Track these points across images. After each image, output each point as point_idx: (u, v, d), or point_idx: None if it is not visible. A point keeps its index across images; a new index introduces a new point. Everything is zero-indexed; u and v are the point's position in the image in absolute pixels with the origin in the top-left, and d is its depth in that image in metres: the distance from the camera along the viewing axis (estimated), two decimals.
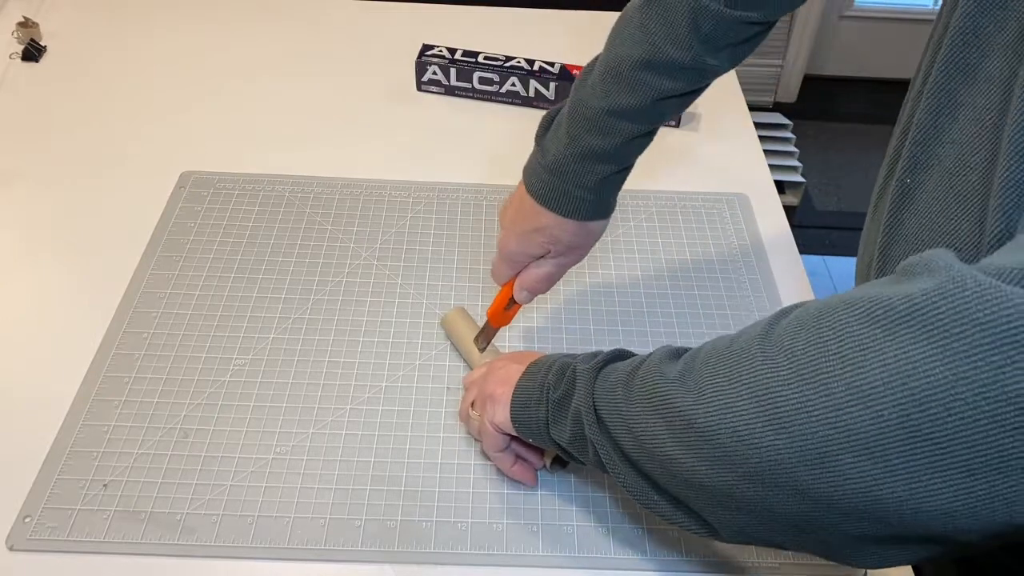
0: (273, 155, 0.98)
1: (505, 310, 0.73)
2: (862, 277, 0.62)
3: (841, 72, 2.45)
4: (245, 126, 1.02)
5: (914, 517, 0.38)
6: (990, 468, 0.36)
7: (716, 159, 1.01)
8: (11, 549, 0.62)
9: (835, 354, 0.39)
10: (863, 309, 0.39)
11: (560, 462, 0.67)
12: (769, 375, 0.42)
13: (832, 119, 2.10)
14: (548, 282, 0.71)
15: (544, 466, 0.68)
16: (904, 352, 0.37)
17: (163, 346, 0.76)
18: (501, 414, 0.61)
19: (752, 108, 1.10)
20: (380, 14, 1.24)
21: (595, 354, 0.58)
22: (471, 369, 0.74)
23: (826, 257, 1.97)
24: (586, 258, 0.73)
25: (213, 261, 0.85)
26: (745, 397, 0.43)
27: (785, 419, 0.40)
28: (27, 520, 0.64)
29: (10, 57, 1.09)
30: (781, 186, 1.91)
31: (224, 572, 0.62)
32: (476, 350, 0.74)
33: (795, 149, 1.90)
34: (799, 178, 1.90)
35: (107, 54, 1.12)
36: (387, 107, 1.07)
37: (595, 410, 0.54)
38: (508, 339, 0.79)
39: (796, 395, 0.40)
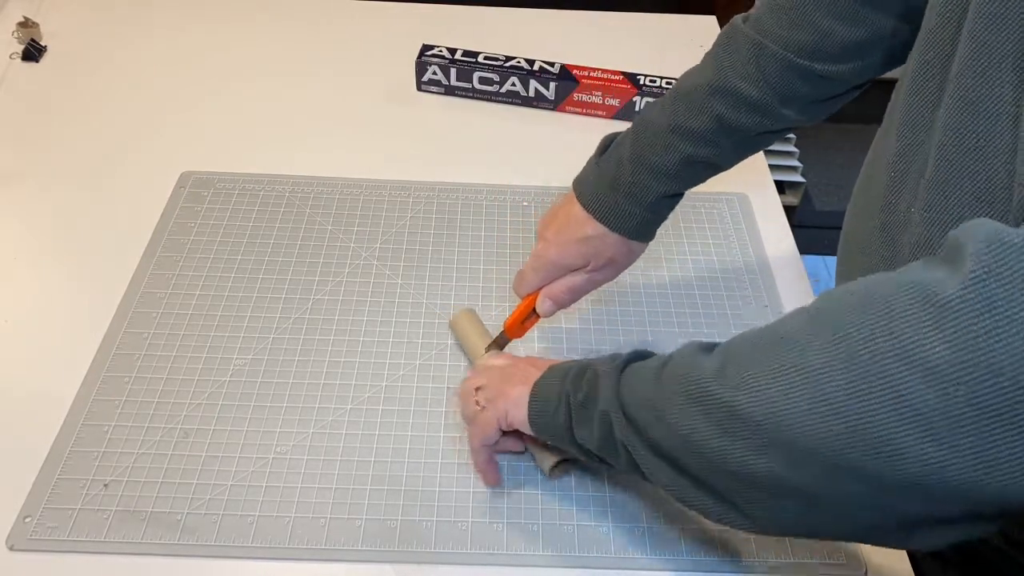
0: (273, 155, 0.98)
1: (523, 322, 0.73)
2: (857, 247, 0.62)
3: None
4: (245, 126, 1.02)
5: (981, 495, 0.37)
6: None
7: None
8: (11, 549, 0.62)
9: (888, 335, 0.38)
10: (917, 292, 0.38)
11: (561, 468, 0.67)
12: (821, 359, 0.41)
13: (832, 119, 2.10)
14: (575, 294, 0.72)
15: (544, 472, 0.67)
16: (969, 330, 0.36)
17: (163, 346, 0.76)
18: (516, 414, 0.61)
19: None
20: (380, 14, 1.24)
21: (614, 356, 0.58)
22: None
23: (826, 257, 1.97)
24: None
25: (213, 261, 0.85)
26: (797, 385, 0.41)
27: (840, 404, 0.39)
28: (27, 520, 0.64)
29: (10, 57, 1.09)
30: (781, 186, 1.91)
31: (224, 572, 0.62)
32: (484, 352, 0.74)
33: (795, 149, 1.90)
34: (799, 178, 1.90)
35: (107, 54, 1.12)
36: (387, 107, 1.07)
37: (623, 409, 0.53)
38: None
39: (852, 377, 0.39)
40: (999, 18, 0.47)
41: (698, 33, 1.22)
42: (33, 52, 1.09)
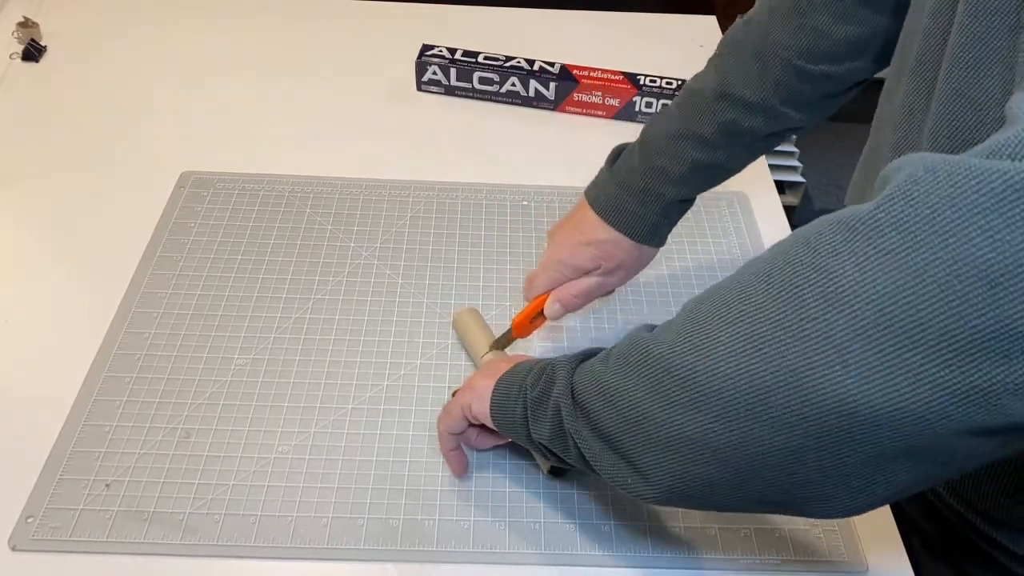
0: (273, 155, 0.98)
1: (530, 322, 0.73)
2: None
3: None
4: (245, 126, 1.02)
5: (890, 427, 0.36)
6: (963, 356, 0.34)
7: None
8: (13, 549, 0.62)
9: (809, 266, 0.38)
10: (836, 220, 0.38)
11: (557, 471, 0.67)
12: (746, 302, 0.41)
13: (832, 119, 2.10)
14: (585, 297, 0.72)
15: (543, 472, 0.68)
16: (876, 247, 0.36)
17: (164, 346, 0.76)
18: (479, 406, 0.61)
19: None
20: (380, 14, 1.24)
21: (575, 353, 0.58)
22: (477, 368, 0.74)
23: None
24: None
25: (213, 261, 0.85)
26: (722, 329, 0.42)
27: (760, 341, 0.39)
28: (29, 520, 0.64)
29: (10, 57, 1.09)
30: (781, 186, 1.91)
31: (227, 572, 0.62)
32: (484, 350, 0.74)
33: (795, 149, 1.90)
34: (799, 178, 1.90)
35: (107, 54, 1.12)
36: (387, 107, 1.07)
37: (573, 398, 0.53)
38: None
39: (772, 314, 0.39)
40: (987, 12, 0.47)
41: (698, 33, 1.22)
42: (33, 52, 1.09)
